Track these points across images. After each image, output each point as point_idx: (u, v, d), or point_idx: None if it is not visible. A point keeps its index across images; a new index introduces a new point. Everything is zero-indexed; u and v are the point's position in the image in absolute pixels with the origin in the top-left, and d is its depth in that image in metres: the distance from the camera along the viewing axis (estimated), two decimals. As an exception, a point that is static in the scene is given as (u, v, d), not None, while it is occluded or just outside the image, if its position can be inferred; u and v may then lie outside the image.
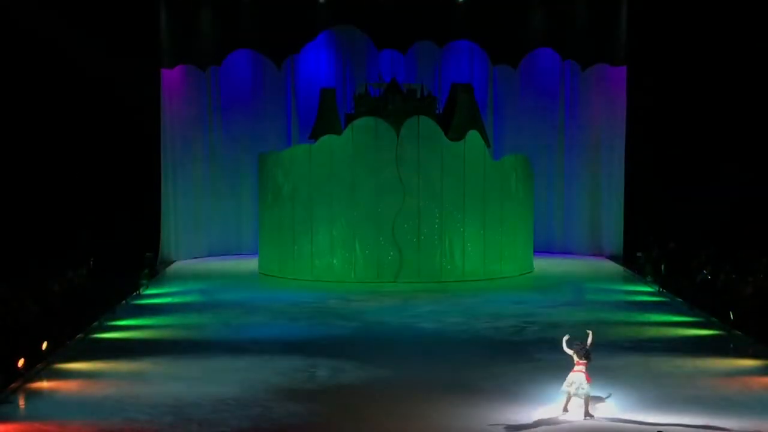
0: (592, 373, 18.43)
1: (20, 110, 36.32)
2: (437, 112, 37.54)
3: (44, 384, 21.29)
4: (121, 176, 37.92)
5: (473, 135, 35.23)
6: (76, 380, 21.40)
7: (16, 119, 36.26)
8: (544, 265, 38.10)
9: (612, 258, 40.41)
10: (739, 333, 25.52)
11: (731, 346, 24.75)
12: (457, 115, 36.88)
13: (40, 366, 22.39)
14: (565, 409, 18.29)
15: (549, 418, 18.01)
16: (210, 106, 41.19)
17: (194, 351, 24.13)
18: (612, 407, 18.98)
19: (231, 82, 41.47)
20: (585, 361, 18.33)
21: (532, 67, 42.16)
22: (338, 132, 35.99)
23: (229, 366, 22.57)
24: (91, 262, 32.47)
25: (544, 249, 40.72)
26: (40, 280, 28.79)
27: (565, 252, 41.83)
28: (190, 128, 40.70)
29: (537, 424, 17.75)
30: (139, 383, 21.10)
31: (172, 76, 39.99)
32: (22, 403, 19.84)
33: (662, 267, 33.65)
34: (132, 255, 35.58)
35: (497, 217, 35.61)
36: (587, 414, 18.14)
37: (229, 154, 41.59)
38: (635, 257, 37.05)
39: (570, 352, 18.56)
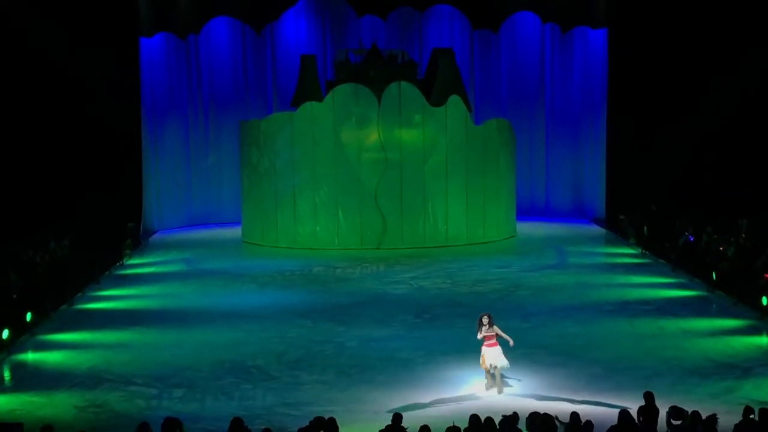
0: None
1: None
2: (418, 77, 37.43)
3: (29, 355, 21.30)
4: (101, 147, 37.67)
5: (455, 100, 35.17)
6: (61, 351, 21.41)
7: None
8: (527, 229, 38.14)
9: (595, 221, 40.51)
10: (722, 293, 25.69)
11: (714, 306, 24.93)
12: (438, 80, 36.77)
13: (25, 337, 22.39)
14: (499, 390, 17.90)
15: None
16: (190, 75, 40.94)
17: (180, 320, 24.17)
18: (595, 369, 19.12)
19: (211, 50, 41.18)
20: (493, 333, 18.07)
21: (512, 31, 42.01)
22: (319, 99, 35.85)
23: (221, 334, 22.62)
24: (73, 235, 32.39)
25: (527, 213, 40.74)
26: (24, 252, 28.74)
27: (548, 216, 41.88)
28: (170, 97, 40.46)
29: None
30: (125, 353, 21.15)
31: (151, 45, 39.72)
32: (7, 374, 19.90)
33: (645, 229, 33.77)
34: (114, 225, 35.49)
35: (480, 183, 35.60)
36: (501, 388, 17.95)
37: (210, 123, 41.40)
38: (618, 220, 37.15)
39: (480, 335, 18.21)
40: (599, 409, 16.39)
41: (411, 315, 24.35)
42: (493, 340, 18.12)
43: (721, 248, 28.17)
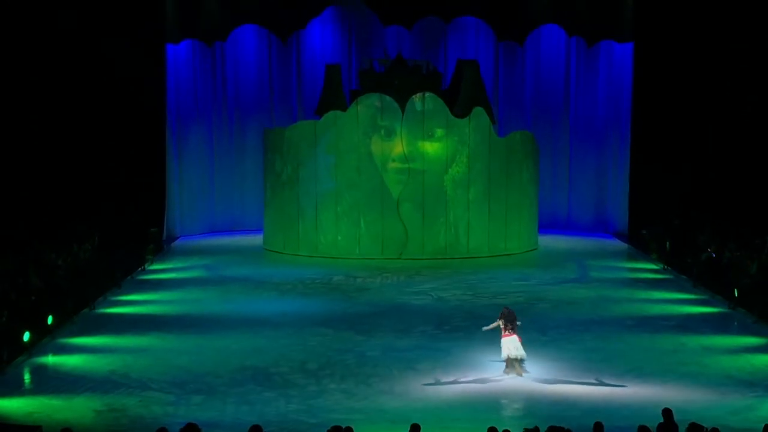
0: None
1: (25, 85, 36.22)
2: (442, 88, 37.44)
3: (50, 358, 21.39)
4: (126, 152, 37.83)
5: (478, 111, 35.16)
6: (81, 354, 21.50)
7: (22, 92, 36.17)
8: (548, 242, 38.06)
9: (617, 235, 40.36)
10: (744, 310, 25.56)
11: (735, 323, 24.81)
12: (462, 92, 36.78)
13: (46, 340, 22.49)
14: (519, 374, 19.44)
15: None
16: (215, 82, 41.08)
17: (200, 326, 24.24)
18: (613, 384, 19.06)
19: (237, 58, 41.32)
20: (512, 330, 19.67)
21: (538, 44, 41.94)
22: (343, 108, 35.91)
23: (242, 341, 22.65)
24: (96, 239, 32.57)
25: (548, 226, 40.62)
26: (46, 255, 28.88)
27: (570, 229, 41.77)
28: (196, 103, 40.59)
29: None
30: (145, 357, 21.22)
31: (177, 51, 39.87)
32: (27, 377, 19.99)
33: (667, 244, 33.64)
34: (137, 230, 35.62)
35: (502, 195, 35.57)
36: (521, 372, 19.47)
37: (234, 130, 41.53)
38: (640, 234, 37.02)
39: (493, 325, 20.07)
40: (618, 424, 16.31)
41: (431, 326, 24.33)
42: (510, 331, 19.69)
43: (748, 263, 28.02)
